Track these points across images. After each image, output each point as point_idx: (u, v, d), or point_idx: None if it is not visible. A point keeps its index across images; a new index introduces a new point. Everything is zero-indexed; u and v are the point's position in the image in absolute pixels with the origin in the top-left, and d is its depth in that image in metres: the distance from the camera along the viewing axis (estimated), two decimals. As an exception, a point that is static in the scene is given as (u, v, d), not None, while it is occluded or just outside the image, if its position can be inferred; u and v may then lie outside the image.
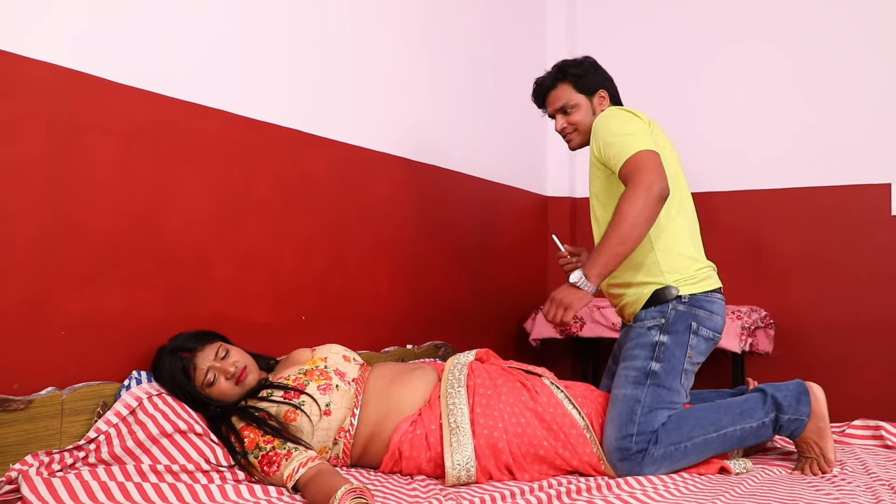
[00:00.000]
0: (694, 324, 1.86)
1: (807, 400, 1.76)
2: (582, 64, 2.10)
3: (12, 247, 1.51)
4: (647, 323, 1.87)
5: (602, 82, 2.10)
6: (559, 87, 2.09)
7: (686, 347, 1.83)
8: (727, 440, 1.74)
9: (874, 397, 2.84)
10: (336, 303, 2.29)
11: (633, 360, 1.83)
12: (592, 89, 2.08)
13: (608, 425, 1.74)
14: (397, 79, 2.60)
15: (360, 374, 1.78)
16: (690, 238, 1.97)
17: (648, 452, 1.69)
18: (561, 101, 2.09)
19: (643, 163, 1.78)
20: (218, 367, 1.66)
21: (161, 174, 1.79)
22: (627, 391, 1.77)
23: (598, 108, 2.07)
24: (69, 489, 1.30)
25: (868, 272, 2.94)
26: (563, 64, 2.11)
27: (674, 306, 1.87)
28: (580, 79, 2.07)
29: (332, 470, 1.49)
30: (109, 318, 1.67)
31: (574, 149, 2.14)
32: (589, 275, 1.75)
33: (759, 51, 3.19)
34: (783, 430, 1.76)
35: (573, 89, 2.08)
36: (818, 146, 3.06)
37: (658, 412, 1.74)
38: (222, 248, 1.94)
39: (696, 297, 1.89)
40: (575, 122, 2.08)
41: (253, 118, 2.03)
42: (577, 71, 2.08)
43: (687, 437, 1.72)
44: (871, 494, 1.54)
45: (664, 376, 1.79)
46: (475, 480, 1.64)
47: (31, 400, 1.47)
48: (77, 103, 1.62)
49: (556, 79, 2.10)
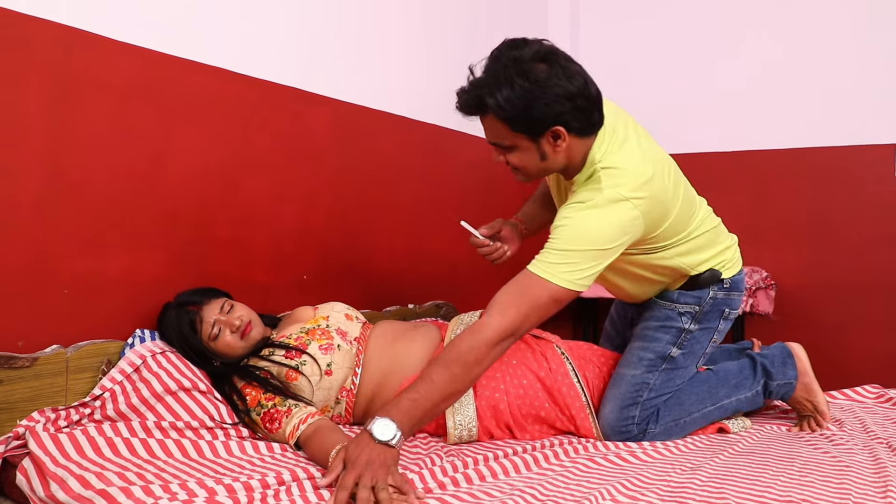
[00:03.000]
0: (727, 310, 1.76)
1: (792, 363, 1.79)
2: (521, 97, 1.40)
3: (14, 205, 1.50)
4: (678, 307, 1.73)
5: (556, 118, 1.43)
6: (488, 118, 1.49)
7: (713, 333, 1.76)
8: (724, 411, 1.75)
9: (874, 358, 2.86)
10: (337, 262, 2.28)
11: (654, 342, 1.72)
12: (538, 130, 1.46)
13: (609, 403, 1.69)
14: (399, 37, 2.56)
15: (361, 333, 1.79)
16: (716, 230, 1.78)
17: (648, 431, 1.68)
18: (493, 137, 1.52)
19: (535, 299, 1.44)
20: (223, 320, 1.67)
21: (160, 132, 1.78)
22: (637, 373, 1.69)
23: (552, 151, 1.50)
24: (76, 445, 1.31)
25: (870, 233, 2.93)
26: (480, 84, 1.44)
27: (713, 294, 1.72)
28: (512, 119, 1.44)
29: (331, 426, 1.50)
30: (111, 276, 1.68)
31: (524, 182, 1.64)
32: (405, 430, 1.32)
33: (762, 11, 3.14)
34: (774, 396, 1.79)
35: (508, 128, 1.47)
36: (821, 106, 3.02)
37: (665, 394, 1.71)
38: (223, 207, 1.93)
39: (735, 279, 1.76)
40: (516, 165, 1.55)
41: (253, 76, 2.00)
42: (507, 110, 1.42)
43: (687, 412, 1.71)
44: (869, 452, 1.56)
45: (681, 360, 1.73)
46: (477, 439, 1.66)
47: (36, 357, 1.48)
48: (75, 60, 1.59)
49: (478, 107, 1.47)
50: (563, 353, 1.78)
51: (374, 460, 1.22)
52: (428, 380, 1.39)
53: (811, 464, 1.48)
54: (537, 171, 1.57)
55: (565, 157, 1.54)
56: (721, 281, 1.74)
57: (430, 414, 1.38)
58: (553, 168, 1.57)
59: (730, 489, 1.30)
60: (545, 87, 1.40)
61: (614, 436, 1.68)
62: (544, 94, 1.41)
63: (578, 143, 1.52)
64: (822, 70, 3.01)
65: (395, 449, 1.28)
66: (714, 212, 1.84)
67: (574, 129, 1.48)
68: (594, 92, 1.49)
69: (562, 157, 1.54)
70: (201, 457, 1.40)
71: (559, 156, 1.53)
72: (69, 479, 1.19)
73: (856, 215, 2.96)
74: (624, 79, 3.44)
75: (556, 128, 1.46)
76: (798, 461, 1.49)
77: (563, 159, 1.55)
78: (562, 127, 1.46)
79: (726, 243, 1.80)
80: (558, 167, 1.58)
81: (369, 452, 1.24)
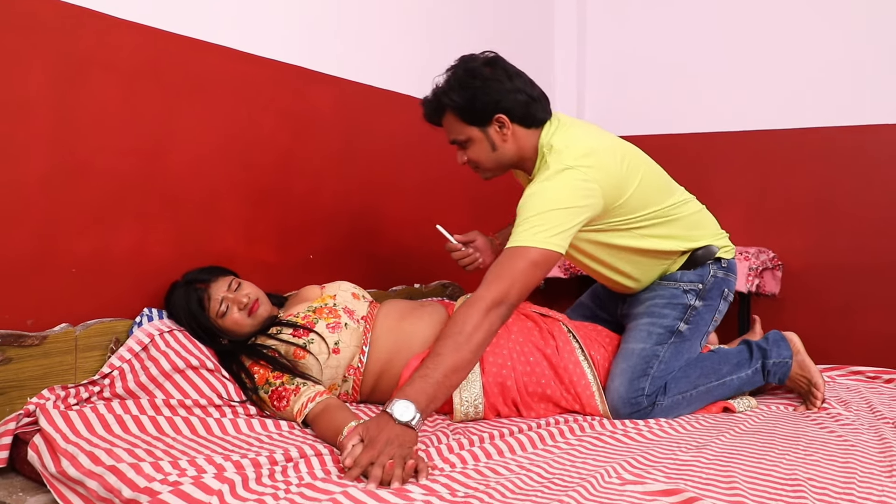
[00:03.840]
0: (726, 290, 1.85)
1: (785, 344, 1.85)
2: (464, 87, 1.65)
3: (21, 185, 1.51)
4: (683, 285, 1.81)
5: (497, 105, 1.66)
6: (446, 117, 1.72)
7: (715, 312, 1.84)
8: (726, 388, 1.79)
9: (880, 339, 2.86)
10: (344, 241, 2.29)
11: (661, 318, 1.78)
12: (484, 119, 1.67)
13: (617, 377, 1.71)
14: (404, 16, 2.54)
15: (369, 312, 1.79)
16: (701, 215, 1.89)
17: (657, 404, 1.70)
18: (451, 133, 1.74)
19: (514, 267, 1.52)
20: (231, 297, 1.68)
21: (166, 111, 1.77)
22: (647, 346, 1.74)
23: (501, 140, 1.70)
24: (85, 422, 1.33)
25: (878, 213, 2.91)
26: (440, 91, 1.70)
27: (714, 272, 1.81)
28: (462, 109, 1.67)
29: (338, 405, 1.51)
30: (119, 256, 1.68)
31: (488, 179, 1.82)
32: (422, 408, 1.34)
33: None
34: (771, 376, 1.83)
35: (460, 121, 1.69)
36: (830, 86, 2.99)
37: (672, 367, 1.75)
38: (229, 186, 1.93)
39: (732, 261, 1.87)
40: (474, 159, 1.74)
41: (258, 55, 1.99)
42: (456, 101, 1.66)
43: (693, 385, 1.74)
44: (875, 432, 1.57)
45: (688, 335, 1.79)
46: (483, 416, 1.67)
47: (45, 336, 1.49)
48: (81, 39, 1.59)
49: (438, 109, 1.72)
50: (570, 332, 1.78)
51: (393, 440, 1.24)
52: (434, 354, 1.44)
53: (816, 443, 1.48)
54: (492, 163, 1.74)
55: (514, 146, 1.72)
56: (719, 260, 1.83)
57: (443, 388, 1.40)
58: (505, 158, 1.74)
59: (735, 468, 1.30)
60: (488, 81, 1.66)
61: (624, 408, 1.69)
62: (487, 86, 1.65)
63: (524, 132, 1.71)
64: (833, 49, 2.98)
65: (414, 430, 1.30)
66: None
67: (516, 117, 1.69)
68: (536, 91, 1.73)
69: (511, 146, 1.72)
70: (210, 434, 1.42)
71: (508, 144, 1.72)
72: (79, 455, 1.20)
73: (864, 196, 2.94)
74: (631, 58, 3.42)
75: (498, 115, 1.67)
76: (803, 440, 1.50)
77: (513, 148, 1.72)
78: (504, 115, 1.67)
79: (716, 231, 1.89)
80: (510, 157, 1.74)
81: (389, 432, 1.26)
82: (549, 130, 1.72)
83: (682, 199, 1.84)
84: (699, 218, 1.87)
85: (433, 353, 1.44)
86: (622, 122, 3.43)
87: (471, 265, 1.95)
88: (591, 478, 1.23)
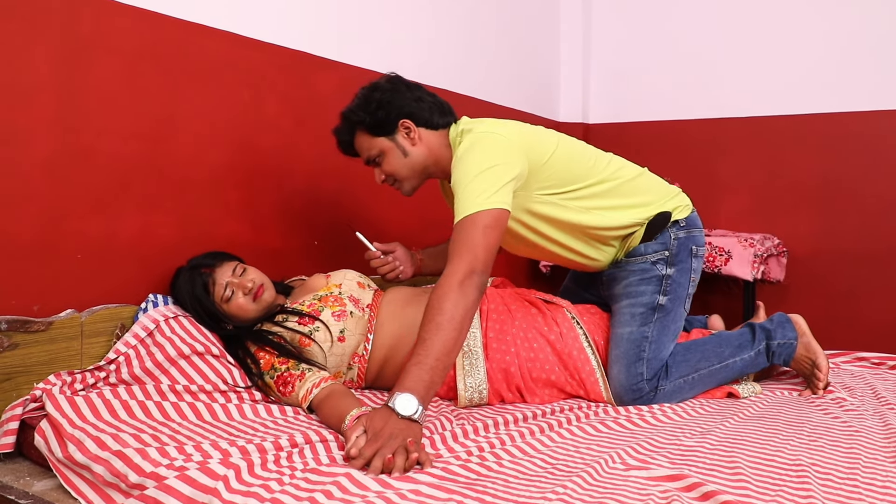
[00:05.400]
0: (693, 246, 1.82)
1: (790, 326, 1.84)
2: (368, 101, 1.74)
3: (25, 170, 1.51)
4: (649, 257, 1.79)
5: (400, 111, 1.74)
6: (357, 137, 1.79)
7: (690, 273, 1.82)
8: (729, 371, 1.79)
9: (885, 325, 2.85)
10: (348, 228, 2.28)
11: (639, 296, 1.77)
12: (390, 127, 1.74)
13: (615, 365, 1.72)
14: (409, 2, 2.52)
15: (373, 300, 1.79)
16: (641, 180, 1.85)
17: (660, 389, 1.70)
18: (364, 151, 1.80)
19: (470, 236, 1.51)
20: (236, 282, 1.68)
21: (169, 96, 1.77)
22: (634, 329, 1.74)
23: (410, 145, 1.76)
24: (92, 407, 1.33)
25: (884, 200, 2.89)
26: (347, 112, 1.79)
27: (675, 235, 1.79)
28: (368, 123, 1.75)
29: (343, 391, 1.51)
30: (124, 241, 1.68)
31: (409, 194, 1.85)
32: (423, 397, 1.33)
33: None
34: (776, 357, 1.83)
35: (370, 136, 1.77)
36: (835, 71, 2.97)
37: (665, 344, 1.75)
38: (233, 171, 1.93)
39: (690, 217, 1.84)
40: (389, 172, 1.79)
41: (261, 40, 1.98)
42: (362, 115, 1.75)
43: (694, 368, 1.74)
44: (880, 418, 1.57)
45: (670, 306, 1.78)
46: (487, 402, 1.67)
47: (51, 322, 1.50)
48: (85, 24, 1.58)
49: (349, 130, 1.80)
50: (574, 318, 1.78)
51: (397, 434, 1.23)
52: (420, 340, 1.41)
53: (821, 429, 1.48)
54: (407, 170, 1.78)
55: (425, 149, 1.77)
56: (677, 222, 1.81)
57: (438, 371, 1.38)
58: (418, 162, 1.77)
59: (739, 453, 1.30)
60: (387, 92, 1.75)
61: (627, 395, 1.69)
62: (389, 97, 1.74)
63: (431, 134, 1.77)
64: (838, 34, 2.95)
65: (418, 423, 1.29)
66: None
67: (421, 120, 1.75)
68: (438, 99, 1.80)
69: (421, 149, 1.77)
70: (215, 419, 1.42)
71: (417, 148, 1.76)
72: (86, 440, 1.21)
73: (869, 182, 2.92)
74: (637, 44, 3.40)
75: (403, 121, 1.74)
76: (808, 426, 1.50)
77: (424, 150, 1.77)
78: (409, 120, 1.74)
79: (664, 193, 1.86)
80: (422, 160, 1.77)
81: (392, 426, 1.25)
82: (456, 128, 1.77)
83: (617, 167, 1.83)
84: (640, 182, 1.84)
85: (419, 339, 1.42)
86: (627, 109, 3.42)
87: (390, 273, 1.98)
88: (594, 463, 1.24)
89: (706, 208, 3.23)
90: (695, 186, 3.17)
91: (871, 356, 2.15)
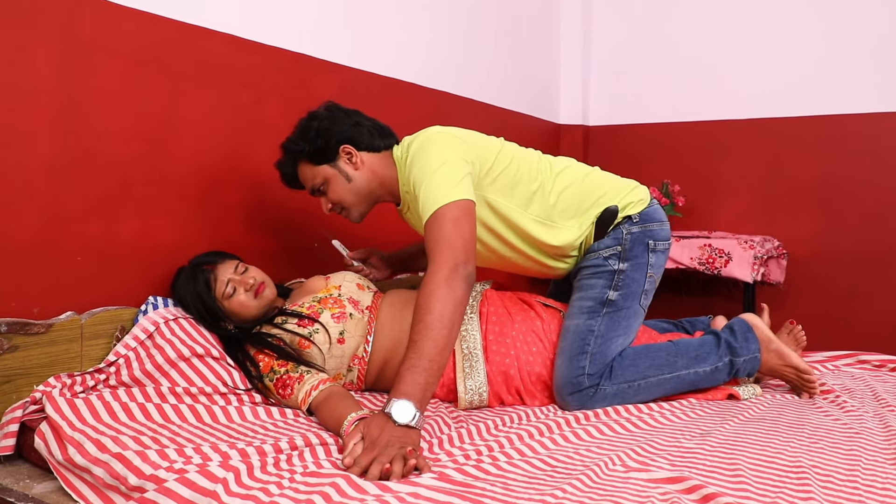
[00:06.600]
0: (651, 241, 1.78)
1: (753, 336, 1.78)
2: (306, 130, 1.74)
3: (26, 172, 1.51)
4: (602, 253, 1.76)
5: (339, 136, 1.73)
6: (300, 167, 1.78)
7: (646, 268, 1.78)
8: (680, 382, 1.73)
9: (885, 327, 2.85)
10: (348, 230, 2.28)
11: (589, 289, 1.75)
12: (331, 154, 1.73)
13: (558, 357, 1.69)
14: (410, 5, 2.52)
15: (373, 302, 1.79)
16: (590, 178, 1.83)
17: (601, 388, 1.66)
18: (308, 181, 1.78)
19: (442, 232, 1.49)
20: (237, 279, 1.68)
21: (170, 98, 1.77)
22: (580, 321, 1.71)
23: (353, 170, 1.75)
24: (92, 409, 1.33)
25: (884, 202, 2.90)
26: (287, 144, 1.78)
27: (628, 230, 1.76)
28: (308, 152, 1.74)
29: (342, 393, 1.51)
30: (124, 243, 1.69)
31: (358, 221, 1.83)
32: (419, 401, 1.31)
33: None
34: (741, 374, 1.78)
35: (312, 165, 1.75)
36: (835, 73, 2.97)
37: (613, 340, 1.71)
38: (234, 173, 1.93)
39: (645, 212, 1.79)
40: (336, 199, 1.77)
41: (262, 42, 1.99)
42: (302, 145, 1.74)
43: (641, 375, 1.70)
44: (880, 420, 1.57)
45: (622, 302, 1.74)
46: (487, 405, 1.67)
47: (51, 324, 1.50)
48: (85, 26, 1.58)
49: (291, 162, 1.79)
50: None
51: (394, 442, 1.21)
52: (411, 343, 1.39)
53: (821, 430, 1.48)
54: (353, 195, 1.76)
55: (368, 172, 1.76)
56: (629, 218, 1.77)
57: (433, 372, 1.35)
58: (363, 187, 1.76)
59: (740, 455, 1.30)
60: (325, 120, 1.74)
61: (566, 389, 1.66)
62: (325, 124, 1.73)
63: (373, 157, 1.77)
64: (839, 37, 2.96)
65: (417, 430, 1.27)
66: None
67: (362, 145, 1.75)
68: (378, 123, 1.80)
69: (364, 173, 1.76)
70: (215, 422, 1.42)
71: (361, 172, 1.75)
72: (86, 442, 1.21)
73: (869, 184, 2.92)
74: (638, 46, 3.40)
75: (344, 146, 1.73)
76: (808, 428, 1.50)
77: (367, 174, 1.76)
78: (349, 145, 1.73)
79: (618, 189, 1.82)
80: (366, 184, 1.76)
81: (390, 434, 1.23)
82: (399, 147, 1.77)
83: (566, 165, 1.82)
84: (591, 180, 1.81)
85: (410, 341, 1.39)
86: (628, 111, 3.42)
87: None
88: (594, 465, 1.24)
89: (706, 210, 3.24)
90: (695, 188, 3.18)
91: (873, 358, 2.15)
